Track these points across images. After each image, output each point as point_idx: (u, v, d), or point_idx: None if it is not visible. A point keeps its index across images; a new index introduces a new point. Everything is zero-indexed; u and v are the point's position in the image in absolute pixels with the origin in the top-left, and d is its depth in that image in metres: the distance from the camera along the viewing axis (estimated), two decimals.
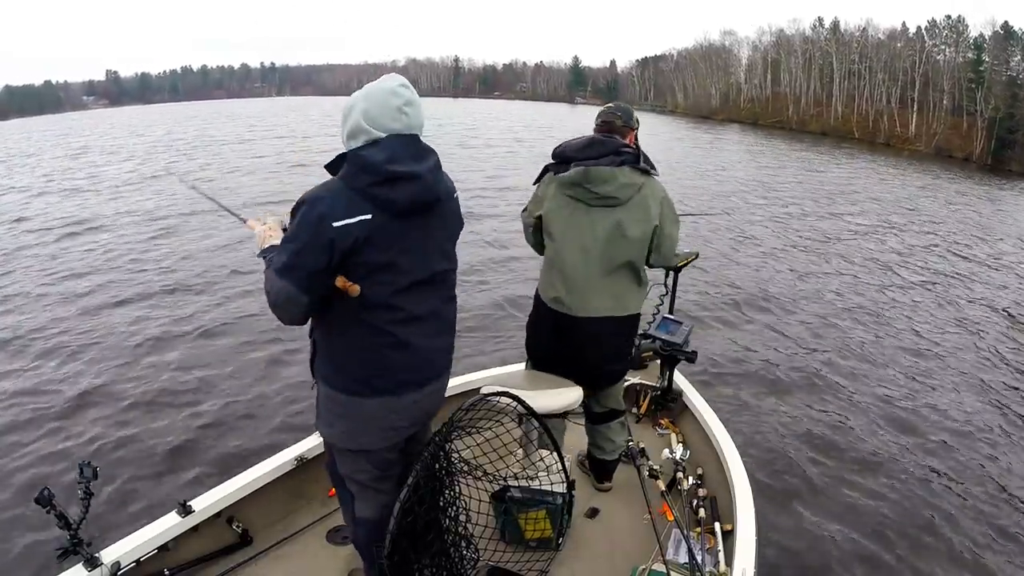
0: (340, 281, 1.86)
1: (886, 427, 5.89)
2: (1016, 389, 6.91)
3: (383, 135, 1.89)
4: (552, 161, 2.90)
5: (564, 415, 3.10)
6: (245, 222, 2.49)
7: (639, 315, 3.03)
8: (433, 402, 2.22)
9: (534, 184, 2.99)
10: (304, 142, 31.10)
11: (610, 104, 3.04)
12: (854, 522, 4.53)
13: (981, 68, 48.89)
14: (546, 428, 2.75)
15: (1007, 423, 6.14)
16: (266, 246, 2.12)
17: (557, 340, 2.96)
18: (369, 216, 1.83)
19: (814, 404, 6.26)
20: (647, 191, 2.81)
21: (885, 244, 13.76)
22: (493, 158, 25.87)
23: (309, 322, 2.05)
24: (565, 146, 2.88)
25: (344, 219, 1.80)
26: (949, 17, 54.37)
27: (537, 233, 2.99)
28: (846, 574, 4.07)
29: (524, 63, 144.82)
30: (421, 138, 1.99)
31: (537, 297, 3.02)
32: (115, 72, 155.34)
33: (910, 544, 4.36)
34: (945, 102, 50.26)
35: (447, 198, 2.08)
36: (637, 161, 2.80)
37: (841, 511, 4.65)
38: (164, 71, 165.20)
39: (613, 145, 2.81)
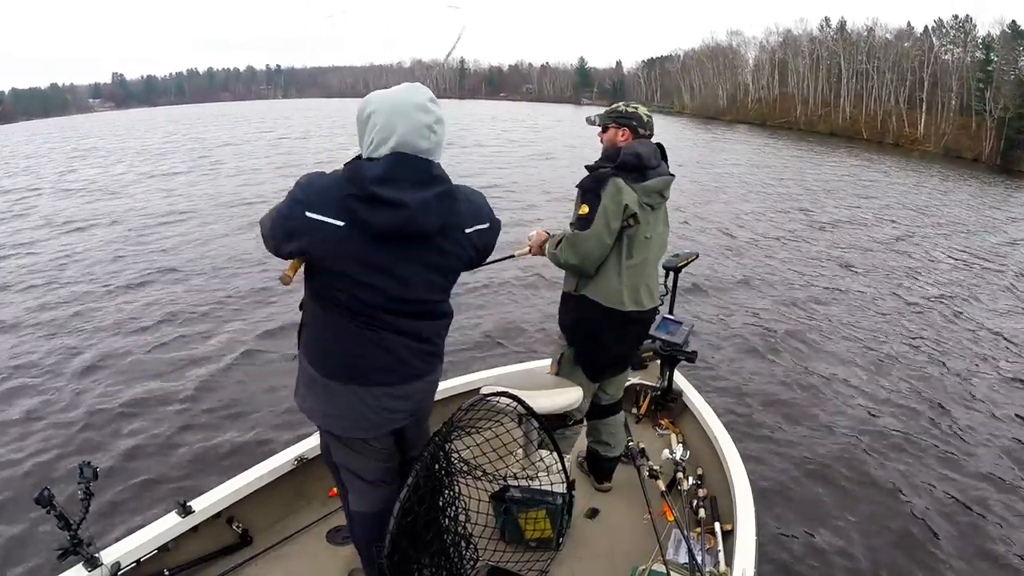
0: (291, 266, 1.86)
1: (887, 426, 5.88)
2: None
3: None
4: (614, 168, 2.77)
5: (581, 421, 3.14)
6: None
7: None
8: (413, 401, 2.11)
9: (588, 192, 2.78)
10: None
11: (647, 111, 2.97)
12: (855, 521, 4.52)
13: (989, 68, 48.54)
14: (546, 429, 2.75)
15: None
16: None
17: (632, 341, 3.11)
18: (341, 224, 1.74)
19: (816, 404, 6.24)
20: None
21: (893, 247, 13.69)
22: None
23: (302, 295, 2.03)
24: (640, 155, 2.78)
25: (319, 214, 1.73)
26: (956, 17, 54.15)
27: (608, 247, 2.78)
28: (846, 573, 4.06)
29: (530, 64, 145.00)
30: (437, 162, 1.86)
31: (599, 307, 2.87)
32: (121, 75, 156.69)
33: (911, 544, 4.35)
34: (953, 102, 49.97)
35: (458, 228, 1.92)
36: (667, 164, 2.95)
37: (842, 511, 4.63)
38: (170, 73, 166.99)
39: (659, 152, 2.91)
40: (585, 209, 2.75)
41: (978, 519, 4.67)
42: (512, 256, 3.52)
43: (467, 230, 1.94)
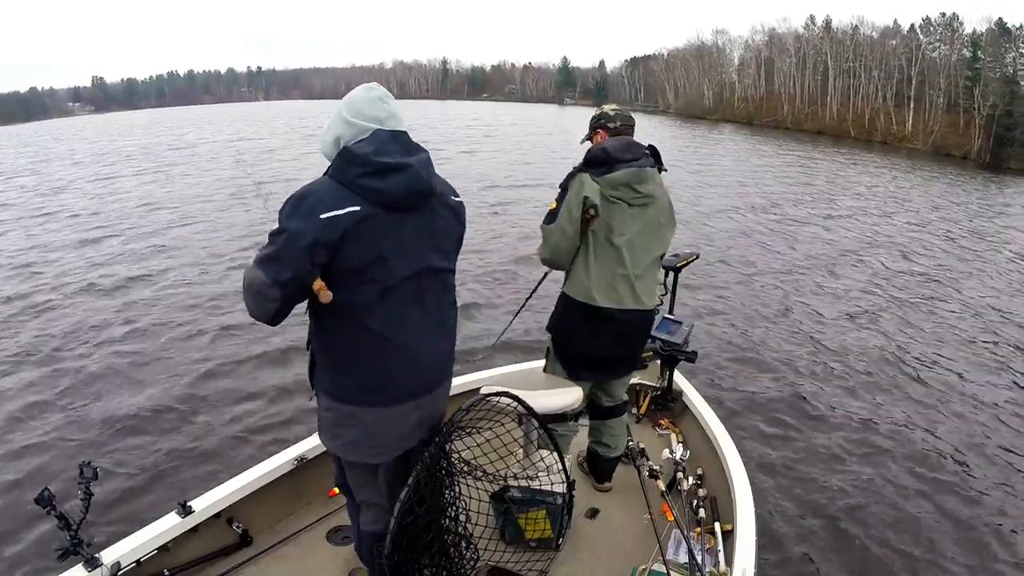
0: (317, 284, 1.82)
1: (889, 424, 5.92)
2: None
3: (373, 127, 1.89)
4: (582, 164, 2.88)
5: (576, 419, 3.15)
6: None
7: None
8: (436, 410, 2.20)
9: (561, 190, 2.89)
10: None
11: (616, 106, 3.11)
12: (856, 520, 4.54)
13: (977, 65, 48.75)
14: (546, 429, 2.74)
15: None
16: None
17: (610, 340, 3.04)
18: (357, 208, 1.79)
19: (816, 403, 6.27)
20: (666, 191, 3.00)
21: (892, 247, 13.67)
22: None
23: (307, 333, 2.03)
24: (607, 149, 2.86)
25: (332, 210, 1.77)
26: (943, 14, 54.41)
27: (574, 239, 2.86)
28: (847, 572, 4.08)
29: (512, 64, 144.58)
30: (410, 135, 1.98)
31: (574, 302, 2.93)
32: (101, 78, 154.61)
33: (910, 544, 4.36)
34: (941, 99, 50.02)
35: (445, 195, 2.06)
36: (661, 163, 2.96)
37: (843, 510, 4.65)
38: (150, 76, 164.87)
39: (642, 147, 2.93)
40: (554, 205, 2.89)
41: (984, 519, 4.69)
42: None
43: (456, 198, 2.11)
